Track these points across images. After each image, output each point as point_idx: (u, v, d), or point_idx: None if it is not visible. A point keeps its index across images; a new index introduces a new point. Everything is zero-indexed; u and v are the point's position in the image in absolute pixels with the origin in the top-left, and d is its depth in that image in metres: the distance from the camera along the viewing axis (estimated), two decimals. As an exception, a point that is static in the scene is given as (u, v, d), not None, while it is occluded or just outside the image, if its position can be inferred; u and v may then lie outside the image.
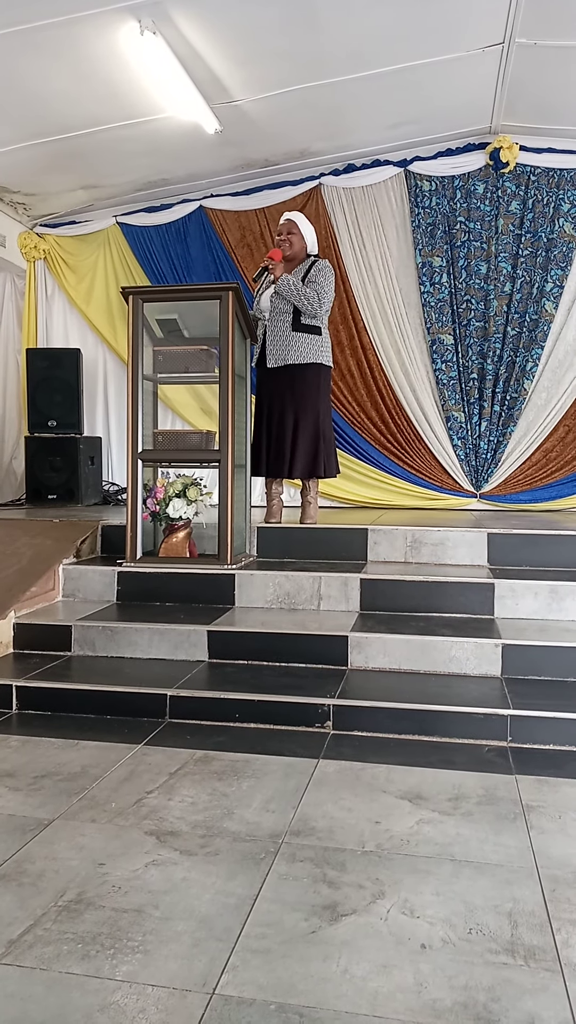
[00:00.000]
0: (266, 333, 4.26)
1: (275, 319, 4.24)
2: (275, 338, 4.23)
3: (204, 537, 4.00)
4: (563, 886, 1.77)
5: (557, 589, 3.42)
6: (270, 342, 4.24)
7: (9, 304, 6.68)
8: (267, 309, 4.27)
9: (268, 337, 4.24)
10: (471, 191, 5.79)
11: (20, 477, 6.44)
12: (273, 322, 4.24)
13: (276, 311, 4.24)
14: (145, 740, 2.64)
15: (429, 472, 6.00)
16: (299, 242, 4.36)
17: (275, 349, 4.22)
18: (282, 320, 4.22)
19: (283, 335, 4.21)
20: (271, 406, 4.27)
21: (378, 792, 2.25)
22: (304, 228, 4.39)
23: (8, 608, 3.41)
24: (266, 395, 4.30)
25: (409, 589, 3.53)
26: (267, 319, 4.26)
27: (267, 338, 4.25)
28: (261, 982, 1.44)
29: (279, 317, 4.23)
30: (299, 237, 4.35)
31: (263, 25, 4.10)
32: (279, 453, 4.25)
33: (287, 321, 4.21)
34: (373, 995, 1.41)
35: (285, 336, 4.21)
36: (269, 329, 4.25)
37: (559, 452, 5.88)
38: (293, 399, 4.24)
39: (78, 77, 4.41)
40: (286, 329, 4.21)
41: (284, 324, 4.22)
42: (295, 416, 4.24)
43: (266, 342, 4.25)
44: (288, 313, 4.21)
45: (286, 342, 4.21)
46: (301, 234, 4.36)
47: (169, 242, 6.25)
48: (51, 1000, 1.40)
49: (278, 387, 4.25)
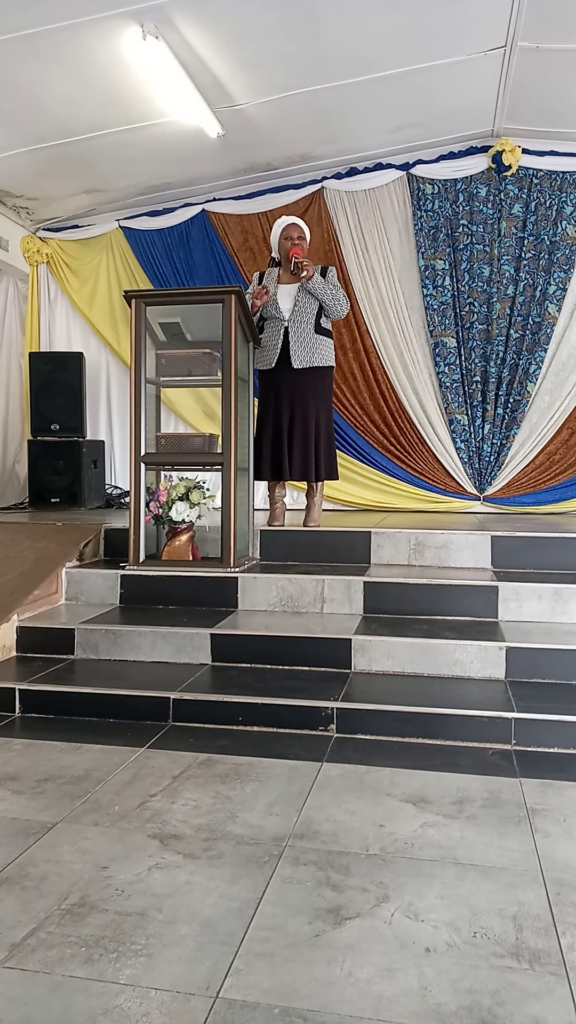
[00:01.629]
0: (286, 333, 4.23)
1: (299, 319, 4.21)
2: (300, 339, 4.20)
3: (207, 540, 4.00)
4: (568, 889, 1.76)
5: (561, 592, 3.41)
6: (295, 342, 4.20)
7: (12, 308, 6.70)
8: (287, 309, 4.24)
9: (292, 338, 4.20)
10: (473, 194, 5.80)
11: (23, 481, 6.46)
12: (296, 322, 4.21)
13: (300, 311, 4.21)
14: (148, 743, 2.64)
15: (432, 475, 6.00)
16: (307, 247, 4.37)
17: (301, 350, 4.20)
18: (306, 321, 4.21)
19: (308, 336, 4.21)
20: (294, 407, 4.24)
21: (382, 795, 2.24)
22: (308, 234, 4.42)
23: (11, 611, 3.41)
24: (286, 396, 4.25)
25: (413, 592, 3.52)
26: (287, 319, 4.23)
27: (290, 338, 4.21)
28: (265, 986, 1.44)
29: (303, 318, 4.21)
30: (307, 242, 4.37)
31: (265, 29, 4.11)
32: (305, 455, 4.24)
33: (311, 322, 4.21)
34: (377, 999, 1.40)
35: (310, 338, 4.21)
36: (292, 330, 4.21)
37: (563, 455, 5.87)
38: (316, 402, 4.25)
39: (81, 82, 4.43)
40: (310, 330, 4.21)
41: (308, 325, 4.21)
42: (316, 418, 4.25)
43: (288, 342, 4.22)
44: (313, 314, 4.21)
45: (311, 344, 4.21)
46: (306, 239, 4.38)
47: (172, 246, 6.26)
48: (54, 1004, 1.40)
49: (302, 388, 4.23)
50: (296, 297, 4.24)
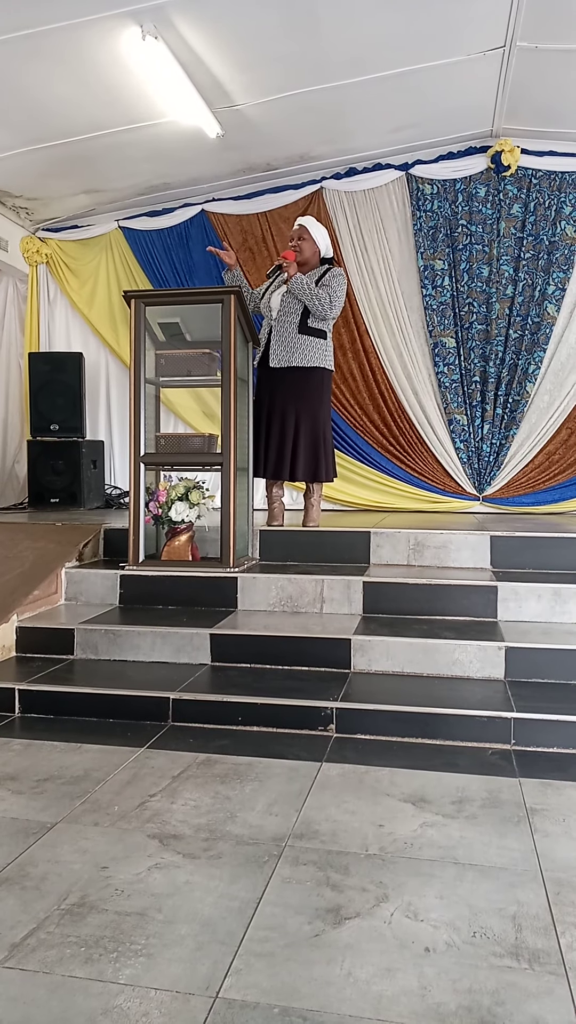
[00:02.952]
0: (271, 333, 4.26)
1: (282, 319, 4.22)
2: (280, 338, 4.22)
3: (206, 540, 4.00)
4: (567, 889, 1.76)
5: (560, 592, 3.41)
6: (275, 342, 4.23)
7: (11, 308, 6.70)
8: (276, 308, 4.26)
9: (273, 337, 4.23)
10: (473, 194, 5.80)
11: (22, 481, 6.46)
12: (280, 322, 4.23)
13: (284, 311, 4.23)
14: (148, 743, 2.64)
15: (431, 475, 6.00)
16: (310, 248, 4.35)
17: (279, 349, 4.22)
18: (289, 321, 4.21)
19: (289, 336, 4.21)
20: (272, 406, 4.26)
21: (381, 795, 2.24)
22: (317, 234, 4.38)
23: (11, 611, 3.41)
24: (266, 395, 4.28)
25: (412, 592, 3.52)
26: (274, 319, 4.25)
27: (272, 338, 4.24)
28: (264, 986, 1.44)
29: (287, 318, 4.22)
30: (310, 243, 4.35)
31: (264, 30, 4.11)
32: (280, 455, 4.24)
33: (294, 322, 4.21)
34: (377, 999, 1.41)
35: (291, 337, 4.21)
36: (275, 329, 4.24)
37: (562, 455, 5.87)
38: (295, 401, 4.23)
39: (80, 82, 4.43)
40: (292, 331, 4.21)
41: (291, 325, 4.21)
42: (296, 418, 4.24)
43: (270, 341, 4.25)
44: (296, 315, 4.21)
45: (291, 344, 4.21)
46: (313, 240, 4.36)
47: (171, 246, 6.26)
48: (54, 1004, 1.40)
49: (280, 388, 4.24)
50: (283, 297, 4.26)
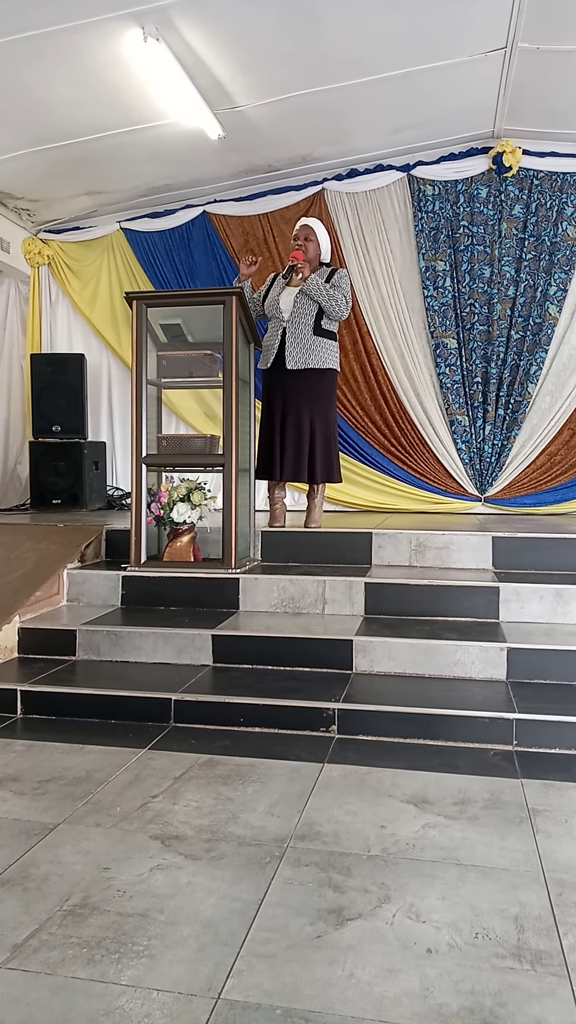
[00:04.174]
0: (284, 334, 4.25)
1: (296, 321, 4.21)
2: (296, 340, 4.21)
3: (208, 541, 4.00)
4: (570, 890, 1.76)
5: (562, 592, 3.41)
6: (290, 344, 4.21)
7: (13, 310, 6.71)
8: (287, 310, 4.26)
9: (288, 339, 4.22)
10: (474, 195, 5.80)
11: (24, 482, 6.46)
12: (294, 324, 4.22)
13: (298, 313, 4.22)
14: (150, 744, 2.64)
15: (433, 476, 6.00)
16: (315, 249, 4.37)
17: (296, 351, 4.21)
18: (304, 323, 4.21)
19: (305, 338, 4.21)
20: (286, 408, 4.26)
21: (383, 796, 2.24)
22: (321, 236, 4.40)
23: (13, 612, 3.42)
24: (279, 397, 4.28)
25: (414, 593, 3.52)
26: (286, 320, 4.24)
27: (286, 339, 4.22)
28: (266, 987, 1.44)
29: (301, 319, 4.21)
30: (315, 244, 4.37)
31: (266, 31, 4.11)
32: (298, 457, 4.24)
33: (309, 324, 4.21)
34: (379, 1000, 1.40)
35: (307, 339, 4.21)
36: (289, 331, 4.22)
37: (563, 455, 5.87)
38: (310, 403, 4.24)
39: (82, 84, 4.44)
40: (307, 332, 4.21)
41: (306, 327, 4.21)
42: (311, 420, 4.25)
43: (284, 343, 4.23)
44: (311, 316, 4.21)
45: (308, 345, 4.21)
46: (317, 241, 4.37)
47: (173, 247, 6.27)
48: (56, 1004, 1.40)
49: (295, 389, 4.24)
50: (295, 299, 4.25)
